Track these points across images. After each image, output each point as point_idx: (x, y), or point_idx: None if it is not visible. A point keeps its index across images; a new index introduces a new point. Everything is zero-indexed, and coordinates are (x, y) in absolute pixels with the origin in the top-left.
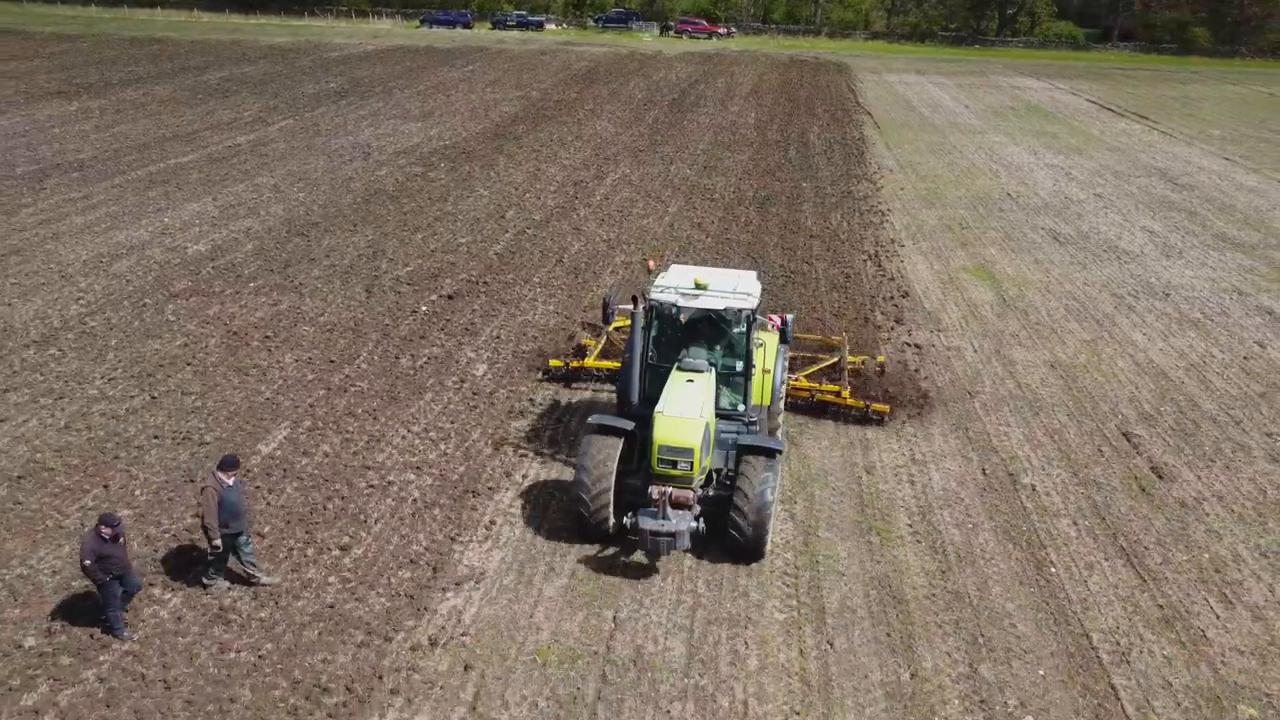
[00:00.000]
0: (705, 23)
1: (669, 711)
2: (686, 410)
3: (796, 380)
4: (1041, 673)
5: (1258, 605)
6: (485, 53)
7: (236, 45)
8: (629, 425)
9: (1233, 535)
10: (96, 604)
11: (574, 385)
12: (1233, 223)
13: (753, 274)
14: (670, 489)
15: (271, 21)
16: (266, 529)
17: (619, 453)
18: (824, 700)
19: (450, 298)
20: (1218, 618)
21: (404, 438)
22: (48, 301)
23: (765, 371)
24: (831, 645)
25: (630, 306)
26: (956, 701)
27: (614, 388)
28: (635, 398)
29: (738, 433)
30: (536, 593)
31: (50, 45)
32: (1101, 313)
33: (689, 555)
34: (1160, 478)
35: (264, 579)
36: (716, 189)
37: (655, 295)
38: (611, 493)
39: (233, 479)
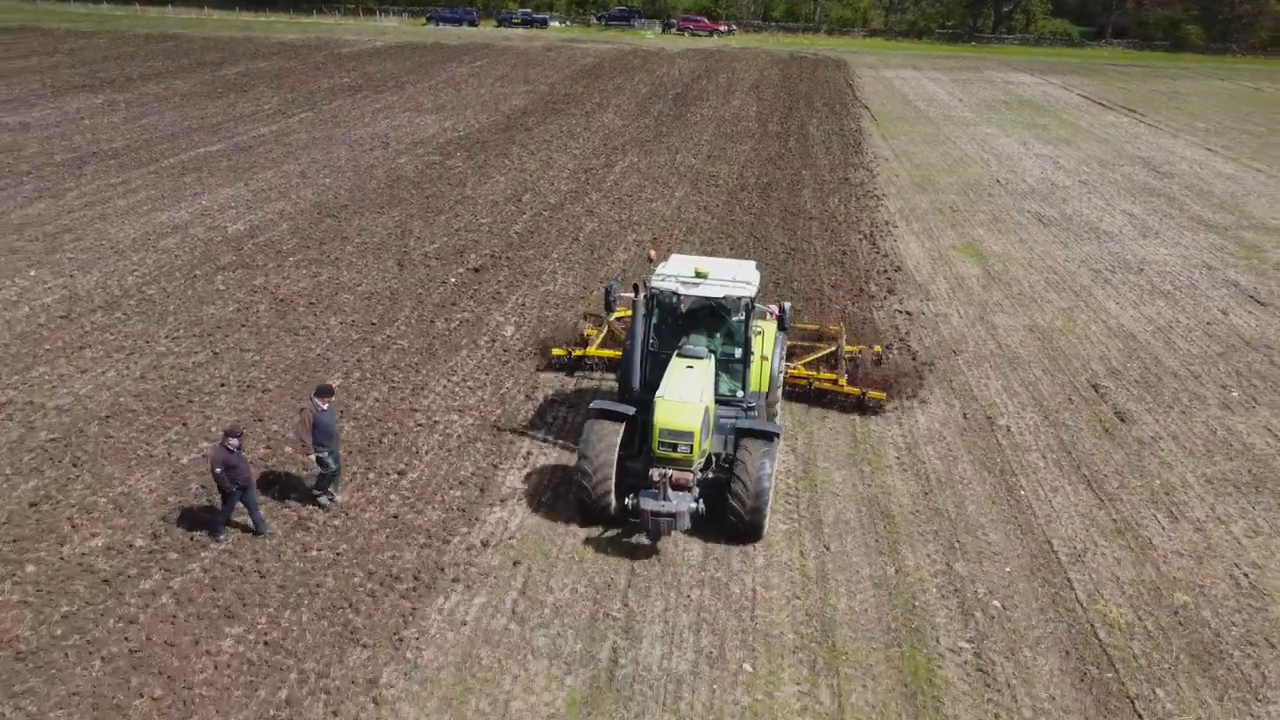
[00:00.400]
0: (707, 20)
1: (689, 596)
2: (687, 395)
3: (794, 368)
4: (1008, 569)
5: (1199, 520)
6: (492, 49)
7: (249, 41)
8: (630, 410)
9: (1183, 466)
10: (193, 514)
11: (576, 374)
12: (1209, 207)
13: (751, 263)
14: (670, 471)
15: (281, 19)
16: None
17: (620, 437)
18: (821, 588)
19: (477, 270)
20: (1163, 529)
21: (445, 386)
22: (106, 273)
23: (764, 359)
24: (828, 548)
25: (632, 295)
26: (934, 590)
27: (615, 376)
28: (636, 384)
29: (736, 418)
30: (571, 508)
31: (68, 41)
32: (1079, 285)
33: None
34: (1123, 421)
35: (337, 497)
36: (720, 176)
37: (656, 284)
38: (613, 475)
39: (327, 405)
